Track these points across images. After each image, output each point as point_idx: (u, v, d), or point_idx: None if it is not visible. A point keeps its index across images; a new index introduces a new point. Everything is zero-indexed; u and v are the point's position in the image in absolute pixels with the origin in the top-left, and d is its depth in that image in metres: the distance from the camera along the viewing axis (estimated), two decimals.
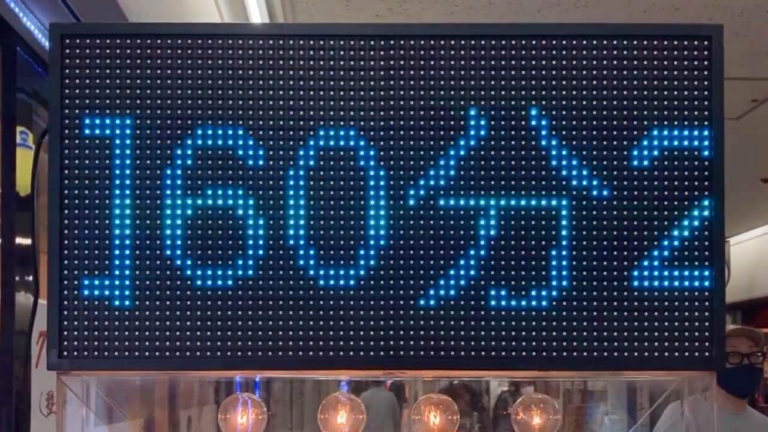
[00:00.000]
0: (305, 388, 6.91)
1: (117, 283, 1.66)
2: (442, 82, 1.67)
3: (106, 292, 1.66)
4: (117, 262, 1.66)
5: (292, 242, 1.66)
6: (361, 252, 1.66)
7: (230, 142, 1.66)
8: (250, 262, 1.66)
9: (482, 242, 1.65)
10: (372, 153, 1.66)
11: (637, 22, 1.70)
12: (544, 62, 1.67)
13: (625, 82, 1.67)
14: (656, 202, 1.66)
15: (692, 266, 1.66)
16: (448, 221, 1.66)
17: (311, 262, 1.66)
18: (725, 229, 1.66)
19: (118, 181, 1.67)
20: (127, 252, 1.66)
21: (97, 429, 1.94)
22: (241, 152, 1.67)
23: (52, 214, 1.66)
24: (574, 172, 1.66)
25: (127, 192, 1.67)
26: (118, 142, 1.67)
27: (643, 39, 1.67)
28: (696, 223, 1.66)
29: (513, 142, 1.66)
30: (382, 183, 1.66)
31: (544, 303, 1.65)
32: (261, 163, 1.66)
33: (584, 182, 1.66)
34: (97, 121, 1.67)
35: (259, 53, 1.67)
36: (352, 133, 1.66)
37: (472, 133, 1.66)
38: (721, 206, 1.67)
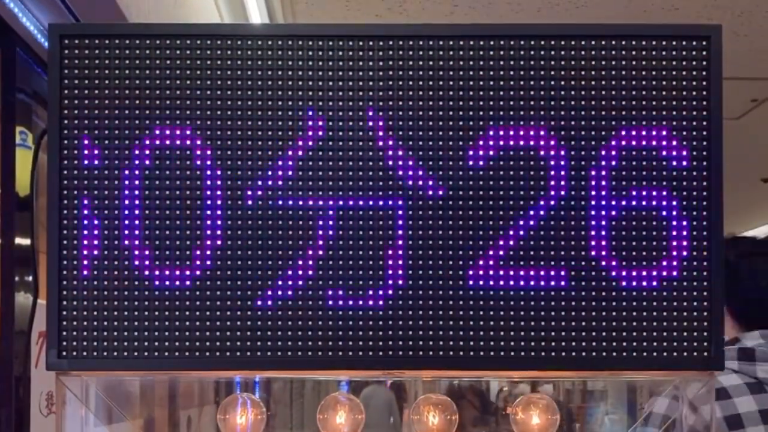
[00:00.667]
0: (305, 388, 6.91)
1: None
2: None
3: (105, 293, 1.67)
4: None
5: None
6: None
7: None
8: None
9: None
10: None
11: (637, 22, 1.69)
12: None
13: (624, 82, 1.67)
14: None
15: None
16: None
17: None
18: (725, 229, 1.66)
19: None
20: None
21: (96, 429, 1.94)
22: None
23: (51, 214, 1.67)
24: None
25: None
26: None
27: (642, 39, 1.67)
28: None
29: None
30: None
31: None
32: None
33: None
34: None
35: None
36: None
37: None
38: (721, 206, 1.66)
